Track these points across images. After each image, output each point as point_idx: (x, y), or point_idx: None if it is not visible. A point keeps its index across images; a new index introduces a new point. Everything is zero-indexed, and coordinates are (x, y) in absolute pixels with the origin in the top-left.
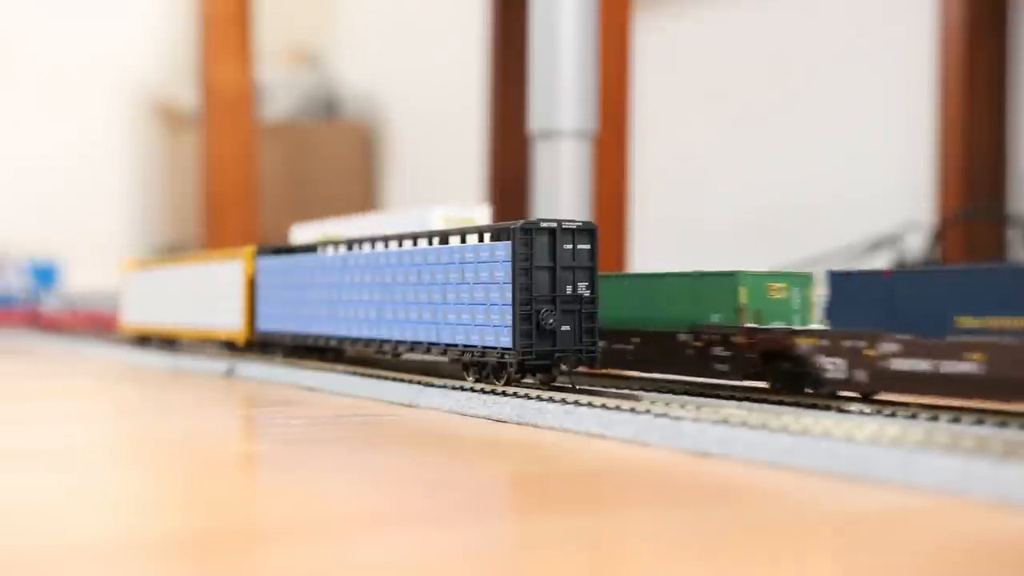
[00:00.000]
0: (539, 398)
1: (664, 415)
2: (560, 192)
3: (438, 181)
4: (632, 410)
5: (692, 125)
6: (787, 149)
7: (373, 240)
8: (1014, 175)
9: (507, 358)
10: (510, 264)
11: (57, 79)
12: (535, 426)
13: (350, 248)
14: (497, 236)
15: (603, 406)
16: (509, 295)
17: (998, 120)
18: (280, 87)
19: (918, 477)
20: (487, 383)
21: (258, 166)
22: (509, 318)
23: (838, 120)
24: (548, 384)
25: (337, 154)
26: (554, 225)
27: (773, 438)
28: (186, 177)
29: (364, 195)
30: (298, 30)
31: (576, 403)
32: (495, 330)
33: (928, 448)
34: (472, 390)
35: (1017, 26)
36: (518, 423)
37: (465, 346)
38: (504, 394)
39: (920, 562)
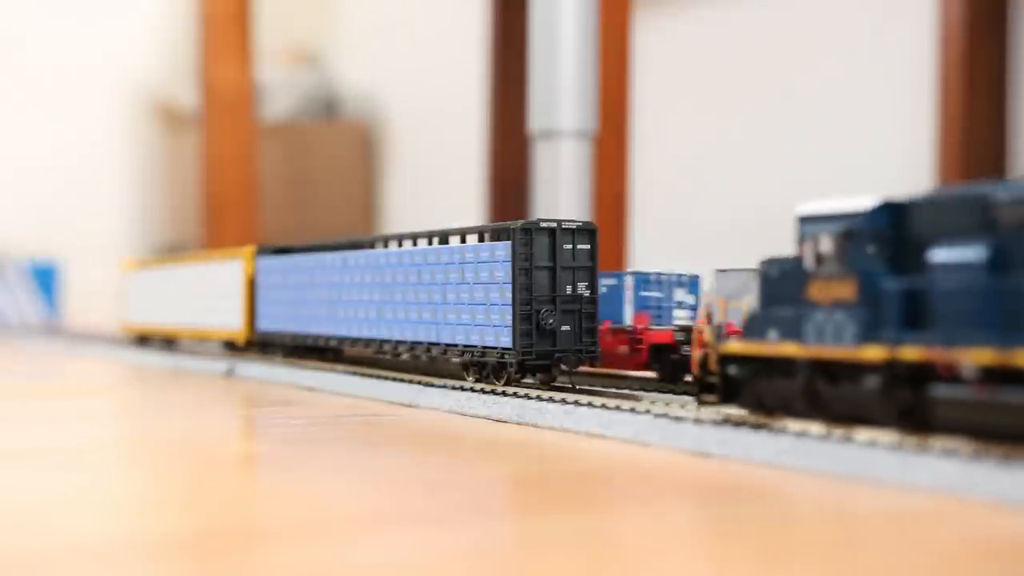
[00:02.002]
0: (539, 398)
1: (664, 415)
2: (560, 192)
3: (438, 181)
4: (632, 410)
5: (692, 125)
6: (787, 148)
7: (373, 240)
8: (1014, 174)
9: (507, 358)
10: (510, 264)
11: (57, 79)
12: (535, 426)
13: (350, 248)
14: (497, 236)
15: (603, 406)
16: (509, 295)
17: (998, 119)
18: (280, 87)
19: (917, 478)
20: (487, 383)
21: (258, 166)
22: (509, 318)
23: (838, 119)
24: (548, 384)
25: (337, 154)
26: (554, 225)
27: (773, 438)
28: (186, 177)
29: (364, 195)
30: (298, 30)
31: (576, 403)
32: (495, 330)
33: (927, 449)
34: (472, 390)
35: (1017, 26)
36: (518, 423)
37: (465, 346)
38: (504, 394)
39: (919, 562)
